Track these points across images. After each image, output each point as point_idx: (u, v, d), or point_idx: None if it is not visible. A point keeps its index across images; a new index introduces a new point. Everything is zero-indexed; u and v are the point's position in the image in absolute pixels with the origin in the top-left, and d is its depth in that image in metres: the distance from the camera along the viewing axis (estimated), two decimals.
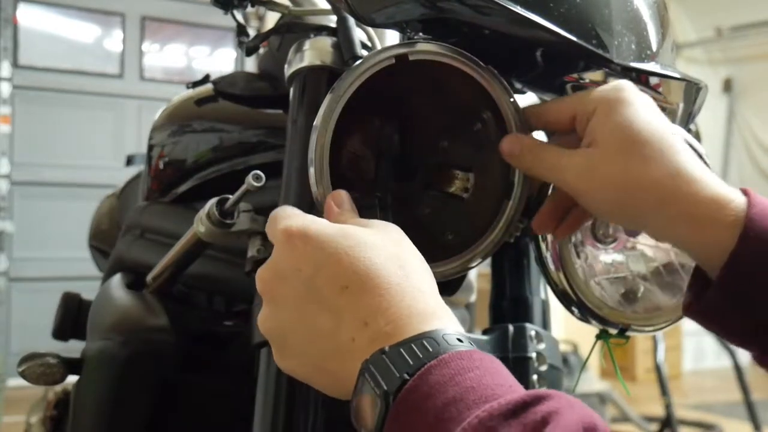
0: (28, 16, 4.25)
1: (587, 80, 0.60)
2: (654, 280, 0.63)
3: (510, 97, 0.58)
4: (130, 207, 1.12)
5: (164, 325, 0.77)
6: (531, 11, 0.55)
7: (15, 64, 4.09)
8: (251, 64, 3.79)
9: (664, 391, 2.80)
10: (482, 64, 0.58)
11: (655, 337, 2.83)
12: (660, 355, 2.85)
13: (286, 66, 0.72)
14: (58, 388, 1.03)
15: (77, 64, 4.34)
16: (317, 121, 0.57)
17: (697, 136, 0.77)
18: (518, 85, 0.64)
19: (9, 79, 3.91)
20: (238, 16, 0.80)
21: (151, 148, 1.01)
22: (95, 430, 0.75)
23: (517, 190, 0.60)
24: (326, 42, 0.71)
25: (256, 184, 0.63)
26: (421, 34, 0.61)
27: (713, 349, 4.81)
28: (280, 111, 0.88)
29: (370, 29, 0.74)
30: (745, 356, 5.21)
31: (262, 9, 0.84)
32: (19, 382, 0.84)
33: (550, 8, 0.56)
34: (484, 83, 0.58)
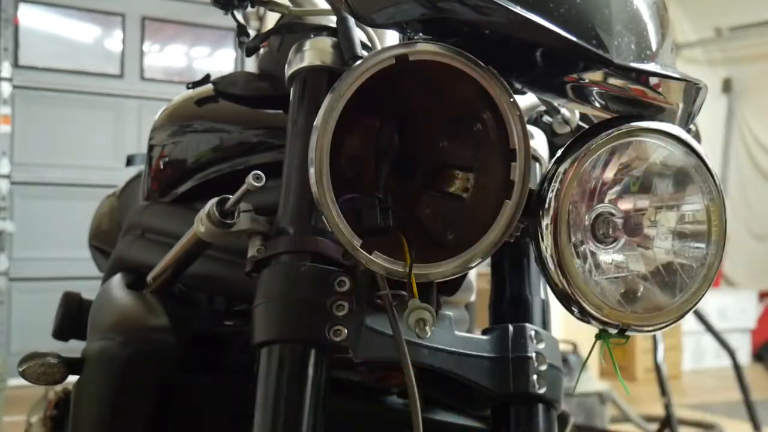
0: (28, 16, 4.25)
1: (587, 80, 0.60)
2: (654, 280, 0.63)
3: (510, 97, 0.58)
4: (130, 207, 1.12)
5: (164, 325, 0.77)
6: (531, 11, 0.55)
7: (15, 64, 4.09)
8: (251, 64, 3.79)
9: (664, 391, 2.80)
10: (482, 64, 0.58)
11: (654, 337, 2.83)
12: (660, 355, 2.85)
13: (286, 66, 0.72)
14: (58, 388, 1.03)
15: (77, 64, 4.34)
16: (317, 121, 0.57)
17: (697, 136, 0.77)
18: (518, 85, 0.64)
19: (9, 79, 3.91)
20: (238, 16, 0.80)
21: (151, 148, 1.01)
22: (95, 430, 0.75)
23: (517, 190, 0.60)
24: (326, 42, 0.71)
25: (256, 184, 0.63)
26: (421, 34, 0.61)
27: (713, 348, 4.82)
28: (280, 111, 0.88)
29: (370, 29, 0.74)
30: (745, 356, 5.20)
31: (262, 9, 0.84)
32: (19, 382, 0.84)
33: (550, 9, 0.56)
34: (484, 83, 0.58)
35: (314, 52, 0.70)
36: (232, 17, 0.79)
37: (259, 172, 0.63)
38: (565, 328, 3.21)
